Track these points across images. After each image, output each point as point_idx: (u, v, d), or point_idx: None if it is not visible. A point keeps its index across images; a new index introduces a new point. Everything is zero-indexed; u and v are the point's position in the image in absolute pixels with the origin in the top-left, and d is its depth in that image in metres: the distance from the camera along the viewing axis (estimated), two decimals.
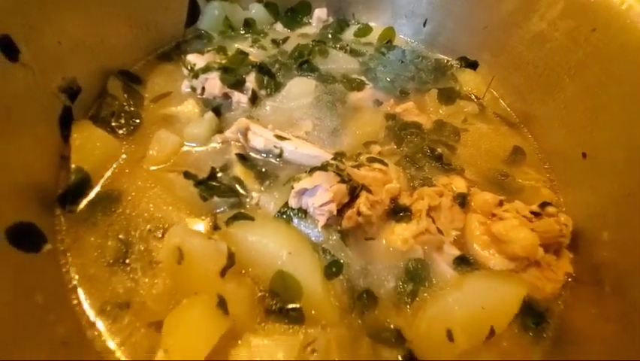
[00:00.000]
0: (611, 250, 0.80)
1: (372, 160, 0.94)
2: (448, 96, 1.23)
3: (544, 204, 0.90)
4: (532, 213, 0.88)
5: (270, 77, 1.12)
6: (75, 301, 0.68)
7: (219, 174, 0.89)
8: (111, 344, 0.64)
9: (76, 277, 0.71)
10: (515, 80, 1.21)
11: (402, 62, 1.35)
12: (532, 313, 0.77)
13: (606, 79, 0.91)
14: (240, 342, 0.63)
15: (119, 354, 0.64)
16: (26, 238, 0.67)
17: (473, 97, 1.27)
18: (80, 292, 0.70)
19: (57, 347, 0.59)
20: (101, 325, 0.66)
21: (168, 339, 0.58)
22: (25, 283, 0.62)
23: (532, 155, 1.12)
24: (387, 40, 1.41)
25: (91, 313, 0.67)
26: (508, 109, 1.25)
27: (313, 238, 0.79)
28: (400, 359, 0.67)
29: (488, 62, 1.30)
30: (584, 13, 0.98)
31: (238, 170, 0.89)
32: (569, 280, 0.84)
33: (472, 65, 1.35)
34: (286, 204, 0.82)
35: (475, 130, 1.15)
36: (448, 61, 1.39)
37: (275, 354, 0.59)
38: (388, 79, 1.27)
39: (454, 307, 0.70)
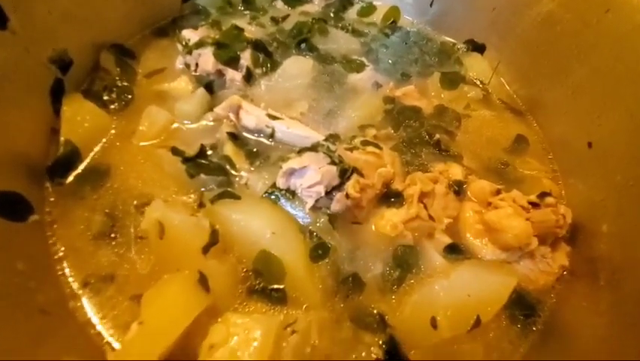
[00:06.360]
0: (608, 243, 0.77)
1: (366, 143, 0.91)
2: (451, 80, 1.17)
3: (543, 195, 0.87)
4: (531, 203, 0.85)
5: (267, 56, 1.09)
6: (60, 273, 0.69)
7: (209, 152, 0.87)
8: (92, 316, 0.65)
9: (62, 248, 0.72)
10: (523, 64, 1.15)
11: (405, 43, 1.30)
12: (522, 305, 0.75)
13: (615, 62, 0.85)
14: (219, 320, 0.62)
15: (99, 326, 0.64)
16: (13, 206, 0.68)
17: (478, 82, 1.21)
18: (65, 263, 0.70)
19: (34, 314, 0.59)
20: (83, 296, 0.67)
21: (145, 312, 0.58)
22: (7, 249, 0.63)
23: (536, 144, 1.07)
24: (392, 21, 1.35)
25: (74, 284, 0.68)
26: (514, 96, 1.19)
27: (300, 220, 0.78)
28: (381, 343, 0.67)
29: (496, 45, 1.23)
30: None
31: (228, 149, 0.88)
32: (564, 273, 0.81)
33: (480, 49, 1.28)
34: (274, 185, 0.80)
35: (477, 116, 1.10)
36: (454, 44, 1.33)
37: (253, 332, 0.58)
38: (390, 61, 1.22)
39: (439, 294, 0.69)
